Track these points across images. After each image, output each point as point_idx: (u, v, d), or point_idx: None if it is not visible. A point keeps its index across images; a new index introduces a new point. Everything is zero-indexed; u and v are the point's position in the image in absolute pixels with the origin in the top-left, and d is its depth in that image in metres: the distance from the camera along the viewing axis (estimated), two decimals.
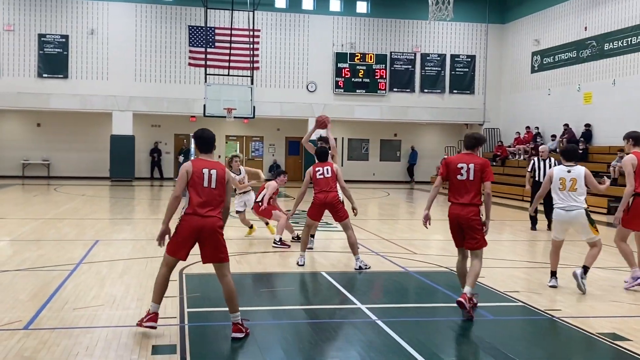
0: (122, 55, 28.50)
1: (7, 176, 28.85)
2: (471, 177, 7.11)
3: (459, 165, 7.15)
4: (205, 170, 6.03)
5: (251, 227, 12.70)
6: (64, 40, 28.07)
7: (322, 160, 9.99)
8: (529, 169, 14.91)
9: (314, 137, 12.19)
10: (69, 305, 7.07)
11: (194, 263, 9.62)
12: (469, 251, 7.33)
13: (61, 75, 28.08)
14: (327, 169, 9.78)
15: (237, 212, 12.61)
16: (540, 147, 16.11)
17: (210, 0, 26.40)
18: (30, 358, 5.35)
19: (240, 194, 12.55)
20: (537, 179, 14.45)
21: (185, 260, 6.31)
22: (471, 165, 7.12)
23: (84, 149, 30.40)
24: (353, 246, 9.56)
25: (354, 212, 9.76)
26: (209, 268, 9.43)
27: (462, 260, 7.43)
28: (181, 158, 31.78)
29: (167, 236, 6.27)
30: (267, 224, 12.59)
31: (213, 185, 6.05)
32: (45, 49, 27.93)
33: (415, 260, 10.39)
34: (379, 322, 6.69)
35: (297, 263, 9.68)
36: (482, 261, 7.28)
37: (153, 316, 6.12)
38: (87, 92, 28.17)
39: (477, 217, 7.10)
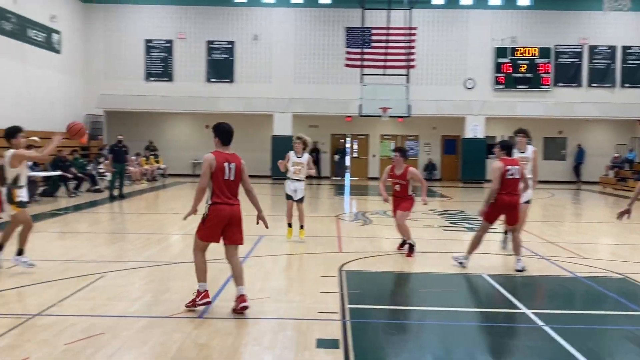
0: (282, 59, 29.61)
1: (179, 174, 31.02)
2: None
3: None
4: (226, 164, 6.77)
5: (290, 225, 11.72)
6: (230, 46, 29.69)
7: (509, 155, 9.25)
8: None
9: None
10: None
11: (353, 260, 9.79)
12: None
13: (227, 80, 29.72)
14: (517, 169, 9.09)
15: (288, 197, 11.71)
16: None
17: (367, 1, 26.66)
18: (205, 345, 5.71)
19: (293, 180, 11.59)
20: None
21: (218, 242, 6.88)
22: None
23: (247, 149, 31.71)
24: (518, 247, 9.21)
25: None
26: (368, 266, 9.57)
27: None
28: (337, 157, 32.41)
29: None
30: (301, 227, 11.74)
31: (232, 177, 6.79)
32: (213, 55, 29.71)
33: (583, 265, 9.81)
34: (546, 329, 6.39)
35: (459, 263, 9.42)
36: None
37: (205, 293, 6.75)
38: (250, 95, 29.57)
39: None
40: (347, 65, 28.77)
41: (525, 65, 29.33)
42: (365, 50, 27.74)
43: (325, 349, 5.65)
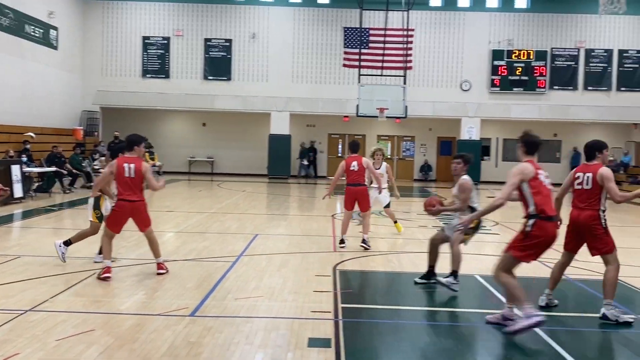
0: (280, 58, 29.59)
1: (175, 172, 30.96)
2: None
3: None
4: (126, 165, 8.11)
5: (395, 222, 12.98)
6: (227, 44, 29.66)
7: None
8: None
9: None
10: (231, 295, 7.46)
11: (347, 260, 9.81)
12: None
13: (225, 78, 29.68)
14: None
15: (385, 207, 12.78)
16: None
17: (366, 2, 26.66)
18: (196, 343, 5.71)
19: (384, 188, 12.10)
20: None
21: (119, 233, 8.39)
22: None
23: (245, 147, 31.90)
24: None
25: None
26: (362, 265, 9.56)
27: None
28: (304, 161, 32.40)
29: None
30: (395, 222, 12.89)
31: (132, 175, 8.07)
32: (210, 53, 29.67)
33: (576, 268, 9.79)
34: (538, 330, 6.41)
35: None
36: None
37: (108, 269, 8.04)
38: (248, 93, 29.55)
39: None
40: (345, 65, 28.76)
41: (521, 68, 29.37)
42: (363, 50, 27.74)
43: (317, 348, 5.66)
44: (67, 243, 8.99)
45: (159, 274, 8.34)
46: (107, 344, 5.59)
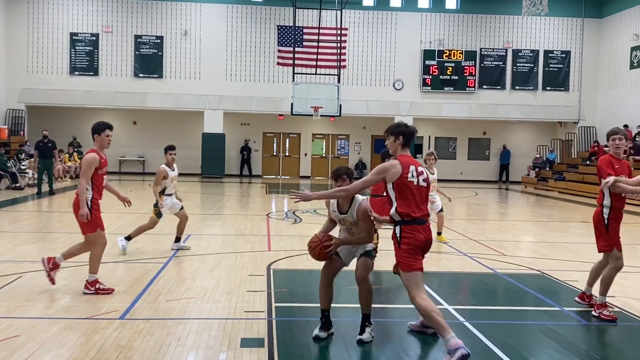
0: (213, 56, 29.28)
1: None
2: None
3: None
4: None
5: (439, 233, 11.88)
6: (158, 41, 29.12)
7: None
8: None
9: None
10: (162, 297, 7.33)
11: (282, 259, 9.80)
12: None
13: (156, 75, 29.15)
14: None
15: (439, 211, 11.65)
16: None
17: (299, 0, 26.68)
18: (126, 347, 5.58)
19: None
20: None
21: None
22: None
23: (177, 146, 31.05)
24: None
25: None
26: (296, 264, 9.58)
27: None
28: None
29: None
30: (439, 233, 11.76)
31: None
32: (141, 50, 29.07)
33: (504, 262, 10.13)
34: (467, 324, 6.58)
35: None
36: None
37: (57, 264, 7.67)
38: (180, 91, 29.11)
39: None
40: (279, 64, 28.75)
41: (451, 68, 30.03)
42: (297, 49, 27.77)
43: (249, 348, 5.63)
44: (128, 238, 10.04)
45: (84, 293, 7.38)
46: (32, 350, 5.40)
